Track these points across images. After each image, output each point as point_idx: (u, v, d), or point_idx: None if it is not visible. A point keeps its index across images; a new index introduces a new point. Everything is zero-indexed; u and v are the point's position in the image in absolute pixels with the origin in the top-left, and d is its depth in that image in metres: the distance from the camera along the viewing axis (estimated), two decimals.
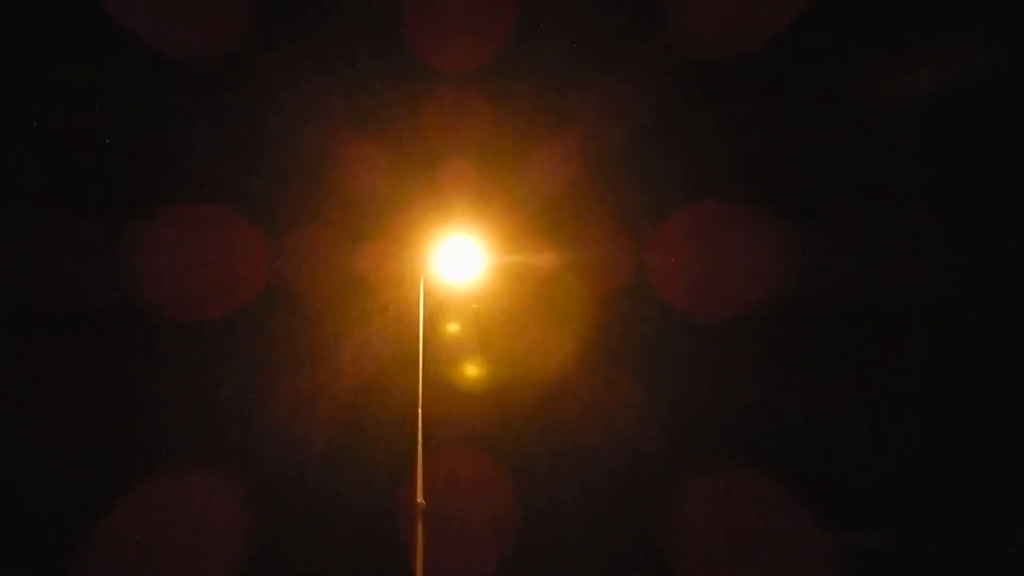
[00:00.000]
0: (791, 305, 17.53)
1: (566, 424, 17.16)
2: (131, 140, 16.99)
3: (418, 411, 13.86)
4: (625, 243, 17.65)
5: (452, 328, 17.05)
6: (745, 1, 17.64)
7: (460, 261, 14.98)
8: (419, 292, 14.66)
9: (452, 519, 15.83)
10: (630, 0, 17.88)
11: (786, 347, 17.70)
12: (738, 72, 17.71)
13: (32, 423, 16.10)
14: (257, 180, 17.11)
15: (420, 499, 13.22)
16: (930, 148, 17.88)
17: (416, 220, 16.46)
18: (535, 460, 16.90)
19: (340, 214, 17.21)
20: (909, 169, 17.83)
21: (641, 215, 17.79)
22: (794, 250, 17.49)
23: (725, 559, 16.51)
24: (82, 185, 16.86)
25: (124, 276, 16.46)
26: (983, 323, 17.43)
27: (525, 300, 17.37)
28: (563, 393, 17.30)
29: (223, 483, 16.04)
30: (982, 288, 17.48)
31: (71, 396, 16.21)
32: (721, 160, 17.90)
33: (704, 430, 17.39)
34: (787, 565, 16.21)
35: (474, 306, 16.89)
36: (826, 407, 17.32)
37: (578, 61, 17.82)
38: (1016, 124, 17.54)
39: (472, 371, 17.42)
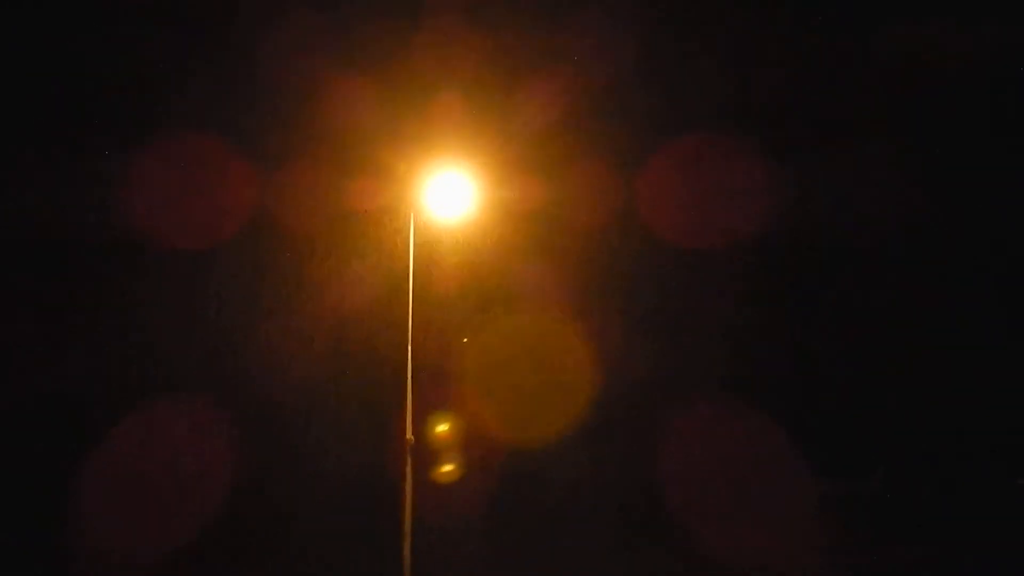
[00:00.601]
0: (779, 239, 17.57)
1: (556, 356, 17.31)
2: (122, 74, 16.86)
3: (408, 347, 13.90)
4: (615, 175, 17.61)
5: (443, 261, 17.09)
6: None
7: (451, 195, 14.87)
8: (410, 226, 14.61)
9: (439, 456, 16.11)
10: None
11: (775, 282, 17.78)
12: (728, 4, 17.60)
13: (24, 353, 16.26)
14: (249, 114, 17.02)
15: (409, 435, 13.38)
16: (921, 78, 17.77)
17: (408, 155, 16.37)
18: (525, 394, 17.07)
19: (331, 149, 17.14)
20: (900, 103, 17.73)
21: (632, 147, 17.72)
22: (782, 183, 17.47)
23: (713, 500, 16.72)
24: (73, 118, 16.81)
25: (114, 208, 16.49)
26: (970, 264, 17.47)
27: (516, 234, 17.39)
28: (553, 325, 17.42)
29: (211, 415, 16.24)
30: (971, 227, 17.50)
31: (61, 326, 16.35)
32: (711, 93, 17.79)
33: (690, 359, 17.55)
34: (776, 508, 16.40)
35: (465, 241, 16.92)
36: (816, 346, 17.46)
37: None
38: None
39: (463, 306, 17.49)
